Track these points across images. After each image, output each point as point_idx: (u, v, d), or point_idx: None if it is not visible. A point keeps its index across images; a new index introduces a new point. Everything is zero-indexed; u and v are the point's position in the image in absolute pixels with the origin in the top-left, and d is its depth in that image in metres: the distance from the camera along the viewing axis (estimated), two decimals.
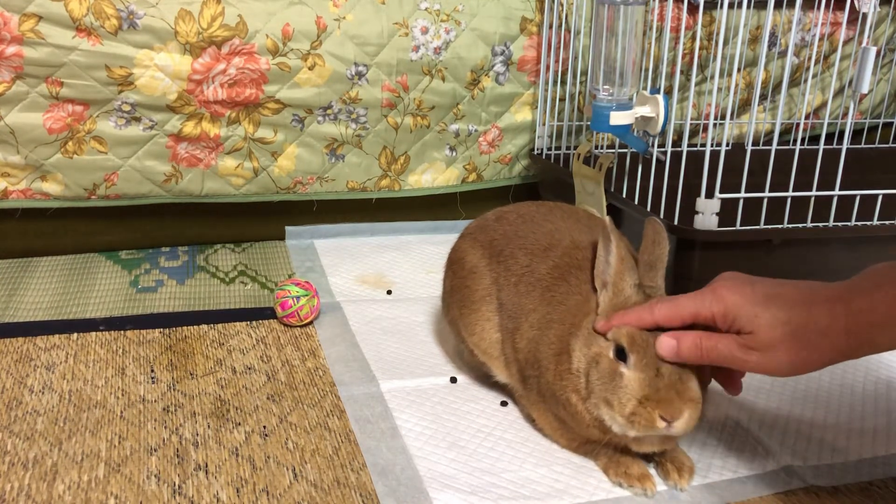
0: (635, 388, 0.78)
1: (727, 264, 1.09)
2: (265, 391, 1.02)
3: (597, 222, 1.00)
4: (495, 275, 0.99)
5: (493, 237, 1.02)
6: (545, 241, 0.96)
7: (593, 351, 0.82)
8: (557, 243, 0.95)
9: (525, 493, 0.84)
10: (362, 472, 0.86)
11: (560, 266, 0.92)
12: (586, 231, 0.96)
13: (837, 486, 0.87)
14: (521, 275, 0.95)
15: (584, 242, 0.93)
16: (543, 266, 0.94)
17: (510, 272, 0.97)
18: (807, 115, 1.75)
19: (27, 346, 1.10)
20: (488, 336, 0.98)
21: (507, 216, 1.04)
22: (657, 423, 0.78)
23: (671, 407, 0.77)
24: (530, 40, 1.50)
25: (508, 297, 0.96)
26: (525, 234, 0.99)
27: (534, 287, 0.93)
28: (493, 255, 1.00)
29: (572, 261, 0.92)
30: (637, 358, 0.79)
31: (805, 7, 1.65)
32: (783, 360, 0.74)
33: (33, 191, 1.33)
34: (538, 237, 0.97)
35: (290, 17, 1.34)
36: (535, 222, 1.00)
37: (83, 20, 1.24)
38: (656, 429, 0.78)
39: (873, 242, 1.14)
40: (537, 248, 0.96)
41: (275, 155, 1.43)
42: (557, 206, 1.04)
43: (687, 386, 0.78)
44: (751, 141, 1.08)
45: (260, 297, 1.30)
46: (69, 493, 0.81)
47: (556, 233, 0.97)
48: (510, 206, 1.07)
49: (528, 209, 1.04)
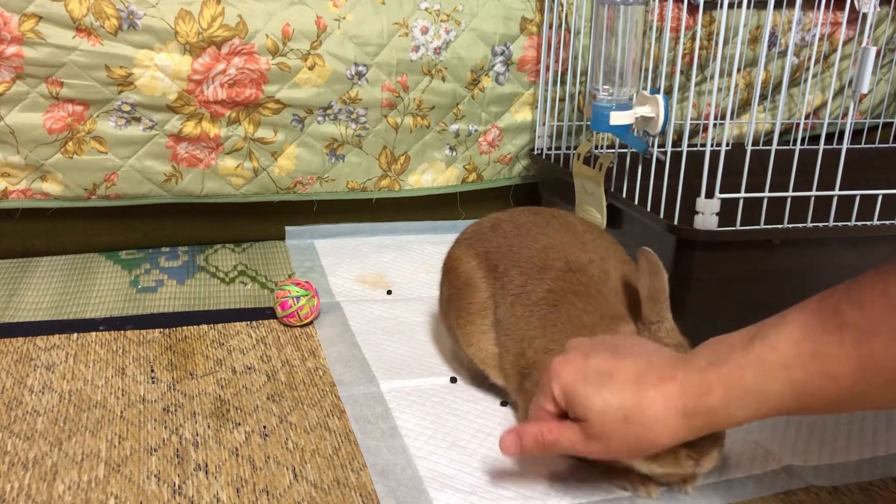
0: None
1: (727, 264, 1.09)
2: (265, 391, 1.02)
3: (594, 234, 0.97)
4: (492, 290, 0.97)
5: (488, 249, 0.99)
6: (539, 260, 0.93)
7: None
8: (552, 264, 0.92)
9: (525, 493, 0.84)
10: (362, 472, 0.86)
11: (555, 291, 0.90)
12: (580, 248, 0.93)
13: (837, 486, 0.87)
14: (516, 294, 0.93)
15: (578, 263, 0.91)
16: (539, 289, 0.91)
17: (506, 290, 0.94)
18: (807, 115, 1.75)
19: (27, 346, 1.10)
20: (485, 348, 0.97)
21: (503, 225, 1.01)
22: (684, 462, 0.76)
23: (700, 447, 0.75)
24: (530, 40, 1.50)
25: (505, 317, 0.94)
26: (519, 250, 0.96)
27: (531, 312, 0.91)
28: (489, 268, 0.98)
29: (566, 285, 0.90)
30: None
31: (805, 7, 1.65)
32: (620, 448, 0.71)
33: (33, 191, 1.34)
34: (532, 254, 0.95)
35: (290, 17, 1.34)
36: (530, 235, 0.97)
37: (83, 20, 1.24)
38: (681, 467, 0.76)
39: (873, 242, 1.14)
40: (531, 268, 0.93)
41: (275, 155, 1.43)
42: (553, 215, 1.01)
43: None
44: (751, 141, 1.07)
45: (260, 297, 1.30)
46: (69, 493, 0.81)
47: (551, 251, 0.94)
48: (506, 214, 1.04)
49: (524, 219, 1.01)
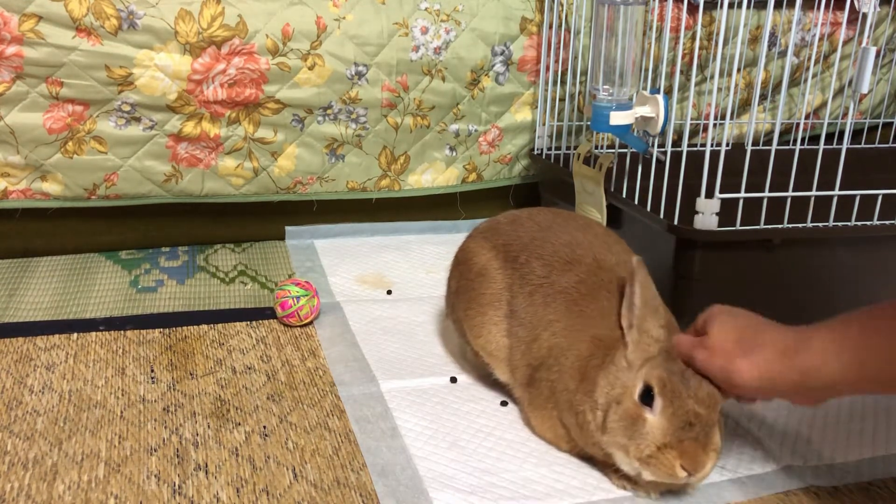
0: (657, 435, 0.77)
1: (727, 264, 1.09)
2: (265, 391, 1.02)
3: (613, 238, 0.98)
4: (509, 281, 0.97)
5: (508, 241, 1.00)
6: (565, 254, 0.94)
7: (616, 391, 0.80)
8: (580, 259, 0.93)
9: (525, 493, 0.84)
10: (362, 472, 0.86)
11: (587, 282, 0.91)
12: (605, 249, 0.95)
13: (837, 486, 0.87)
14: (537, 285, 0.93)
15: (607, 263, 0.92)
16: (565, 279, 0.92)
17: (525, 281, 0.95)
18: (807, 115, 1.75)
19: (27, 346, 1.10)
20: (495, 340, 0.97)
21: (523, 222, 1.02)
22: (678, 473, 0.76)
23: (695, 460, 0.76)
24: (530, 40, 1.50)
25: (522, 306, 0.94)
26: (542, 244, 0.96)
27: (554, 299, 0.91)
28: (507, 259, 0.98)
29: (599, 280, 0.90)
30: (665, 404, 0.77)
31: (805, 7, 1.65)
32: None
33: (33, 191, 1.33)
34: (556, 248, 0.95)
35: (290, 17, 1.34)
36: (551, 231, 0.98)
37: (83, 20, 1.24)
38: (675, 477, 0.76)
39: (873, 242, 1.14)
40: (556, 260, 0.94)
41: (275, 155, 1.43)
42: (572, 216, 1.02)
43: (711, 438, 0.77)
44: (751, 141, 1.07)
45: (260, 297, 1.30)
46: (69, 493, 0.81)
47: (577, 247, 0.95)
48: (524, 211, 1.05)
49: (544, 216, 1.02)
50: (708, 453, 0.76)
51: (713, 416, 0.77)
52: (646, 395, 0.78)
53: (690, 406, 0.76)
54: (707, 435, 0.76)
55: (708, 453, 0.76)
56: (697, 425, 0.76)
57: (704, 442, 0.76)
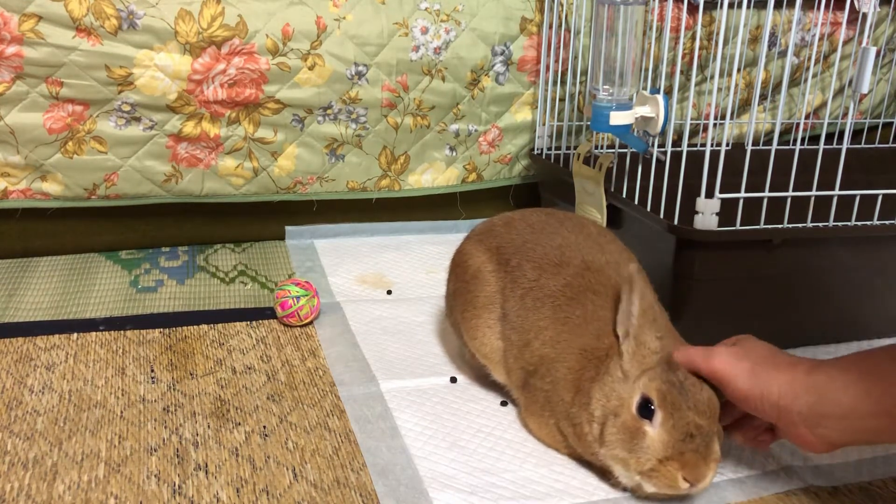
0: (658, 449, 0.76)
1: (727, 264, 1.09)
2: (265, 391, 1.02)
3: (608, 237, 0.98)
4: (501, 284, 0.97)
5: (501, 244, 1.00)
6: (554, 256, 0.94)
7: (612, 403, 0.80)
8: (568, 261, 0.93)
9: (525, 493, 0.84)
10: (362, 472, 0.86)
11: (573, 286, 0.90)
12: (597, 250, 0.94)
13: (837, 486, 0.87)
14: (528, 288, 0.93)
15: (595, 263, 0.92)
16: (553, 282, 0.92)
17: (517, 284, 0.95)
18: (807, 115, 1.75)
19: (27, 346, 1.10)
20: (489, 342, 0.97)
21: (516, 223, 1.01)
22: (680, 485, 0.76)
23: (697, 471, 0.76)
24: (530, 40, 1.50)
25: (514, 310, 0.94)
26: (533, 246, 0.96)
27: (542, 303, 0.91)
28: (500, 262, 0.98)
29: (585, 282, 0.90)
30: (665, 416, 0.76)
31: (805, 7, 1.65)
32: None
33: (33, 191, 1.34)
34: (547, 251, 0.95)
35: (290, 17, 1.34)
36: (544, 233, 0.98)
37: (83, 20, 1.24)
38: (677, 489, 0.76)
39: (873, 242, 1.14)
40: (546, 263, 0.94)
41: (275, 155, 1.43)
42: (567, 217, 1.02)
43: (711, 448, 0.77)
44: (751, 141, 1.07)
45: (260, 297, 1.30)
46: (69, 493, 0.81)
47: (567, 248, 0.94)
48: (518, 213, 1.05)
49: (537, 218, 1.01)
50: (709, 464, 0.76)
51: (713, 426, 0.77)
52: (644, 408, 0.77)
53: (691, 418, 0.76)
54: (707, 445, 0.76)
55: (709, 464, 0.76)
56: (698, 436, 0.76)
57: (705, 453, 0.76)
